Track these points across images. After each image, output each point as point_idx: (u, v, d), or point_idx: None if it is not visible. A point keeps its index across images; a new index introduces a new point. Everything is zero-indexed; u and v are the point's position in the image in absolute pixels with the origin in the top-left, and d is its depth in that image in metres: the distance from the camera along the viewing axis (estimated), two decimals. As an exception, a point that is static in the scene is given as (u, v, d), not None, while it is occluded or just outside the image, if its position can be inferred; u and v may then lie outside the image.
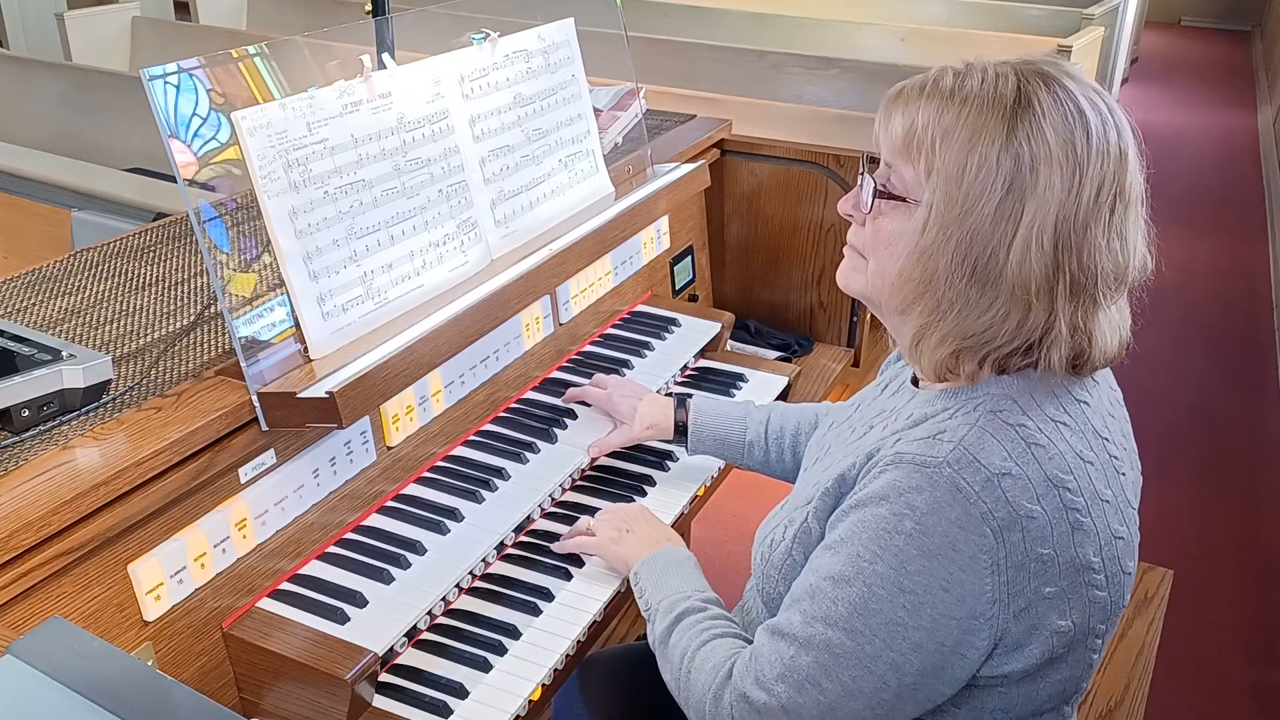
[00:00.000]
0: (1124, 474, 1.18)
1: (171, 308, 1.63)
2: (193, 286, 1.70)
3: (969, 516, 1.05)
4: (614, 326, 2.13)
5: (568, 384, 1.91)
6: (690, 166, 2.17)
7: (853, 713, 1.11)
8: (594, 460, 1.77)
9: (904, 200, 1.14)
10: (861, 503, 1.11)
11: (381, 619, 1.39)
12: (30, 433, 1.27)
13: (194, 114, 1.40)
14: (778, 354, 2.40)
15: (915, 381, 1.26)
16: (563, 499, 1.72)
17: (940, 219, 1.09)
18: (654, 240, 2.25)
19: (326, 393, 1.32)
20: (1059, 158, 1.06)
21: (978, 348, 1.11)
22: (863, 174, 1.19)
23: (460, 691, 1.35)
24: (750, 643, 1.23)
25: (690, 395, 1.75)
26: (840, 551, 1.11)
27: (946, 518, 1.05)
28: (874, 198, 1.16)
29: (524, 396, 1.88)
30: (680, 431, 1.72)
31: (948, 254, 1.09)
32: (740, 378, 2.05)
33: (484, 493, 1.63)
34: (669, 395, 1.79)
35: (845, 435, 1.32)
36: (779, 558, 1.25)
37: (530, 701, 1.36)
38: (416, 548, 1.51)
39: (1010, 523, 1.06)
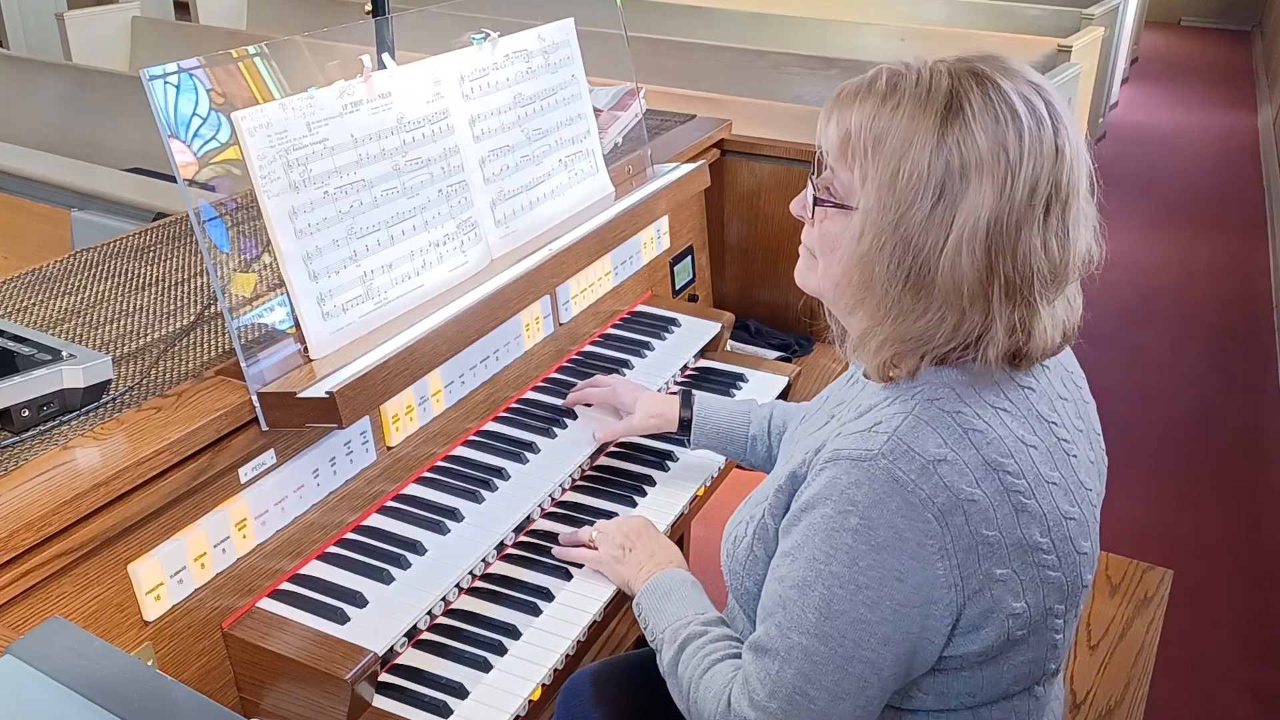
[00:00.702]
0: (1075, 456, 1.19)
1: (171, 308, 1.63)
2: (193, 286, 1.70)
3: (909, 505, 1.06)
4: (614, 326, 2.13)
5: (568, 384, 1.91)
6: (690, 166, 2.17)
7: (845, 713, 1.12)
8: (600, 444, 1.76)
9: (841, 206, 1.15)
10: (809, 504, 1.13)
11: (381, 619, 1.39)
12: (30, 433, 1.27)
13: (194, 114, 1.40)
14: (778, 354, 2.40)
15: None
16: (563, 499, 1.71)
17: (875, 226, 1.10)
18: (654, 240, 2.25)
19: (326, 393, 1.32)
20: (989, 161, 1.05)
21: (915, 349, 1.12)
22: (810, 176, 1.19)
23: (460, 691, 1.35)
24: None
25: (691, 390, 1.76)
26: (798, 558, 1.13)
27: (888, 509, 1.07)
28: (814, 204, 1.18)
29: (524, 396, 1.88)
30: (684, 426, 1.72)
31: (883, 260, 1.10)
32: (740, 378, 2.05)
33: (484, 493, 1.63)
34: (672, 393, 1.79)
35: (810, 428, 1.33)
36: (742, 554, 1.26)
37: (530, 701, 1.36)
38: (416, 548, 1.51)
39: (951, 507, 1.07)
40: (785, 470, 1.21)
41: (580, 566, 1.55)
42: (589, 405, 1.84)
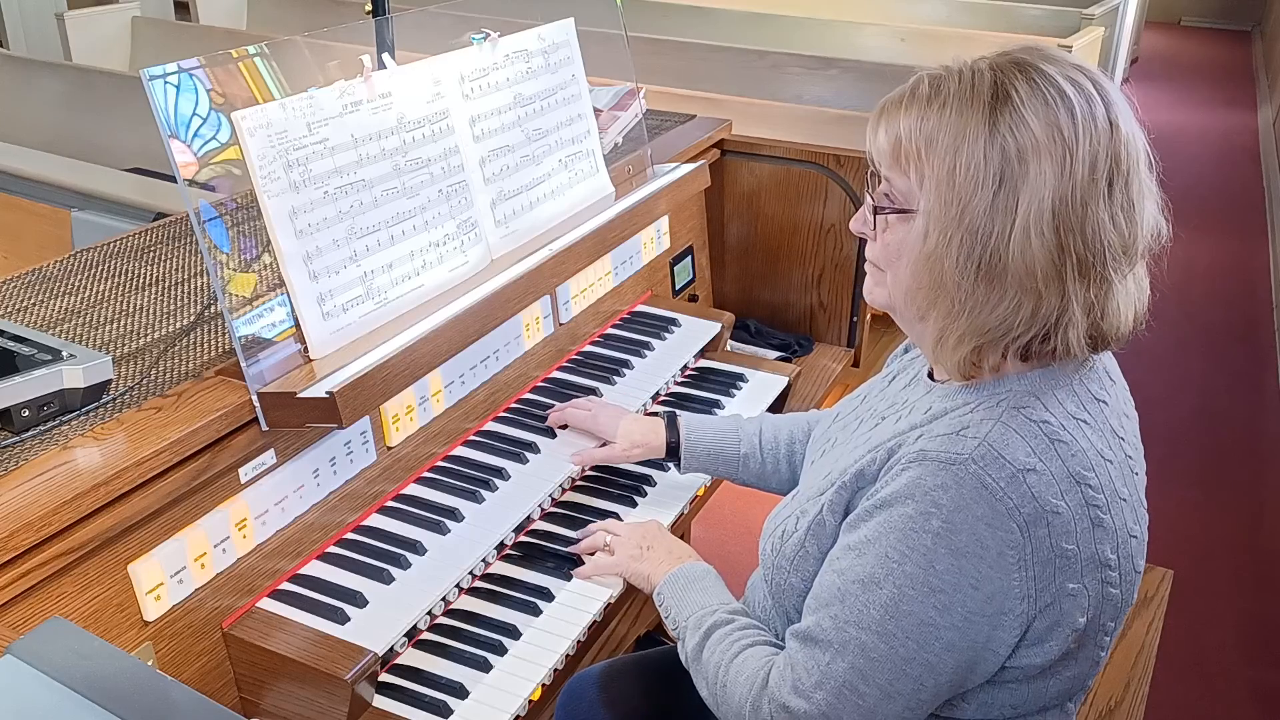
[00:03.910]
0: (1137, 474, 1.20)
1: (171, 308, 1.63)
2: (193, 286, 1.70)
3: (995, 513, 1.06)
4: (614, 326, 2.13)
5: (568, 384, 1.91)
6: (690, 166, 2.17)
7: (893, 713, 1.12)
8: (582, 470, 1.75)
9: (902, 211, 1.15)
10: (886, 502, 1.11)
11: (381, 619, 1.39)
12: (30, 433, 1.27)
13: (194, 114, 1.40)
14: (778, 354, 2.40)
15: (931, 375, 1.26)
16: (563, 499, 1.71)
17: (939, 223, 1.10)
18: (654, 240, 2.25)
19: (326, 393, 1.32)
20: (1046, 143, 1.06)
21: (996, 341, 1.11)
22: (867, 192, 1.20)
23: (460, 691, 1.35)
24: (780, 648, 1.23)
25: (676, 413, 1.72)
26: (867, 554, 1.12)
27: (973, 515, 1.06)
28: (874, 214, 1.18)
29: (524, 396, 1.88)
30: (672, 451, 1.69)
31: (952, 255, 1.09)
32: (740, 378, 2.05)
33: (484, 493, 1.62)
34: (651, 414, 1.75)
35: (853, 426, 1.32)
36: (791, 549, 1.25)
37: (530, 701, 1.36)
38: (416, 548, 1.51)
39: (1036, 518, 1.06)
40: (846, 466, 1.20)
41: (583, 565, 1.55)
42: (564, 427, 1.78)
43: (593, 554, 1.56)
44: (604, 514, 1.67)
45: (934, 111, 1.10)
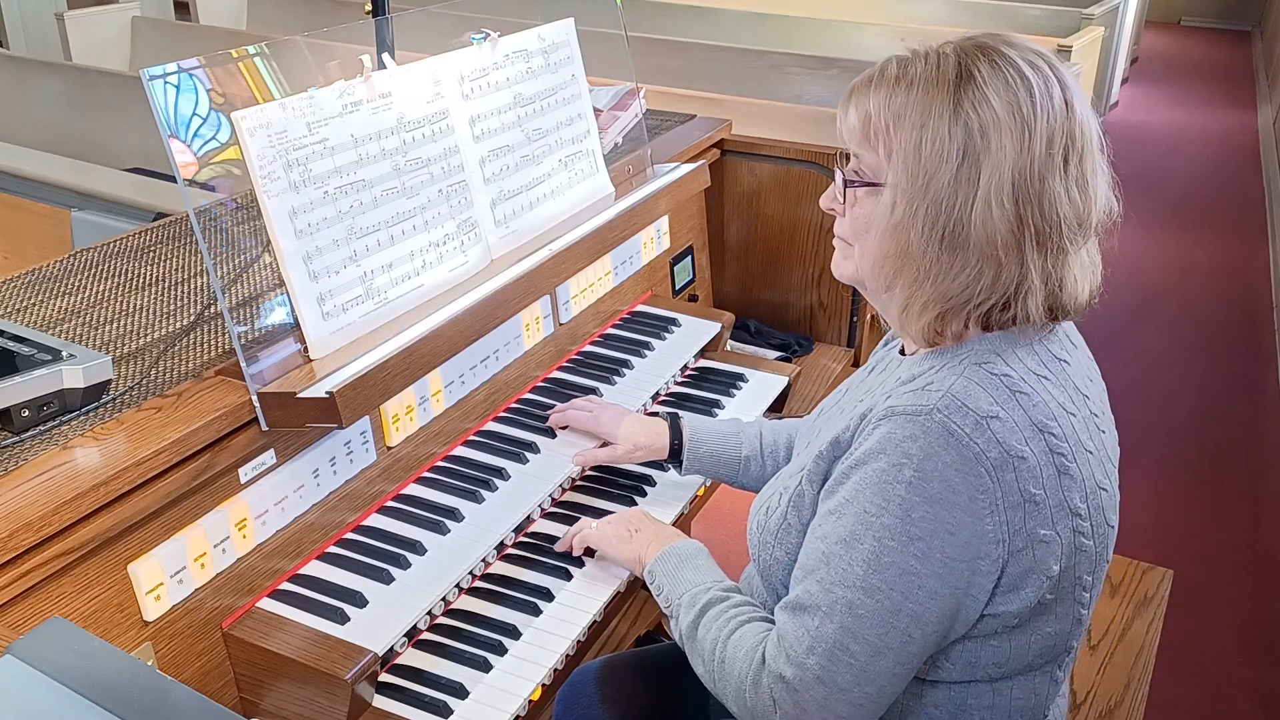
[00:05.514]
0: (1104, 432, 1.24)
1: (171, 308, 1.63)
2: (193, 286, 1.70)
3: (964, 459, 1.10)
4: (614, 326, 2.13)
5: (568, 384, 1.91)
6: (690, 166, 2.17)
7: (884, 670, 1.14)
8: (582, 470, 1.75)
9: (871, 184, 1.20)
10: (860, 461, 1.15)
11: (381, 619, 1.39)
12: (30, 433, 1.27)
13: (194, 114, 1.40)
14: (778, 354, 2.40)
15: (903, 351, 1.31)
16: (563, 499, 1.71)
17: (905, 195, 1.15)
18: (654, 240, 2.25)
19: (326, 393, 1.33)
20: (1006, 120, 1.12)
21: (959, 308, 1.16)
22: (837, 169, 1.25)
23: (460, 691, 1.35)
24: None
25: (678, 414, 1.73)
26: (846, 513, 1.15)
27: (943, 461, 1.10)
28: (845, 188, 1.23)
29: (524, 396, 1.88)
30: (674, 453, 1.70)
31: (917, 225, 1.15)
32: (740, 378, 2.05)
33: (484, 493, 1.63)
34: (653, 414, 1.76)
35: (835, 416, 1.35)
36: (774, 523, 1.28)
37: (530, 701, 1.36)
38: (416, 548, 1.51)
39: (1003, 463, 1.10)
40: (826, 438, 1.23)
41: (581, 565, 1.55)
42: (565, 428, 1.78)
43: (588, 550, 1.56)
44: (603, 514, 1.66)
45: (901, 90, 1.16)
